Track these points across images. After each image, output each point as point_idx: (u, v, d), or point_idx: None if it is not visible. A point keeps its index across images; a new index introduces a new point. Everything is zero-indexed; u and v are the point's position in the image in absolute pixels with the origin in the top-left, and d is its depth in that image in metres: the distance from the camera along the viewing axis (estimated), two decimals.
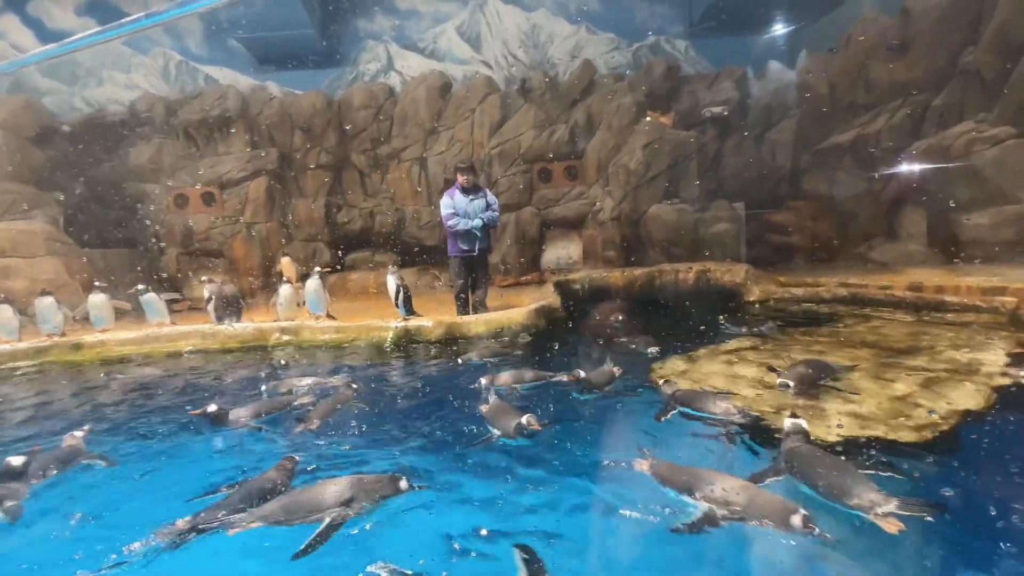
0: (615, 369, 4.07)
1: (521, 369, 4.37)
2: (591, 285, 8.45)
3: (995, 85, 7.99)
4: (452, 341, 6.07)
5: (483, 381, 4.11)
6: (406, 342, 6.08)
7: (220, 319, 6.72)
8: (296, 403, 4.01)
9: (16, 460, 2.79)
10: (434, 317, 6.38)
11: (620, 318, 6.34)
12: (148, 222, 10.91)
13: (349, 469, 2.81)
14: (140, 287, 7.19)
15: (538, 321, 6.43)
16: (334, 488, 2.36)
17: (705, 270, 7.79)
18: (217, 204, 11.04)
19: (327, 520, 2.21)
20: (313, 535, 2.13)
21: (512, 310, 6.52)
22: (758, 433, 2.89)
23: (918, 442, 2.65)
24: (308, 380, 4.54)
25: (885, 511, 1.93)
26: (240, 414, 3.63)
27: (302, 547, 2.07)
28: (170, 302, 7.06)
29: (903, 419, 2.90)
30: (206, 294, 6.86)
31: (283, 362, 5.75)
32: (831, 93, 10.11)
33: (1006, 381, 3.36)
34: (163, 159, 11.18)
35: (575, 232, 11.07)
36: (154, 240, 10.86)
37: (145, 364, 6.13)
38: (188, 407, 3.94)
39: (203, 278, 7.77)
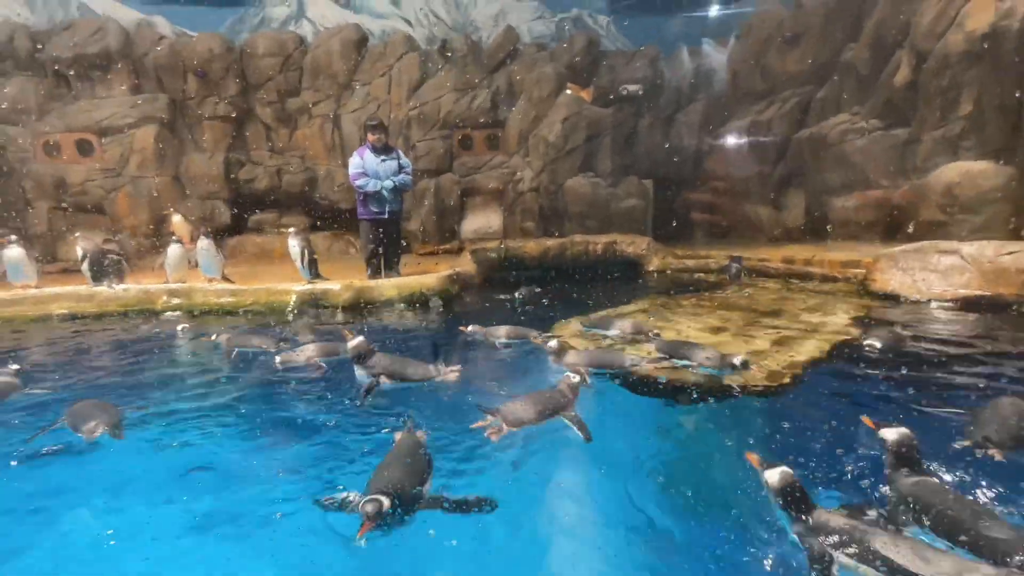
0: (440, 368, 3.31)
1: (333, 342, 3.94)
2: (507, 254, 8.60)
3: (869, 80, 8.89)
4: (361, 306, 5.97)
5: (278, 359, 3.77)
6: (311, 307, 5.90)
7: (97, 280, 6.13)
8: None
9: None
10: (342, 280, 6.23)
11: (533, 292, 6.35)
12: (12, 171, 9.54)
13: None
14: (12, 237, 6.31)
15: (451, 287, 6.48)
16: None
17: (612, 242, 8.19)
18: (95, 154, 9.86)
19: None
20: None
21: (425, 275, 6.51)
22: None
23: (766, 383, 3.10)
24: None
25: (649, 362, 3.39)
26: None
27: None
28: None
29: (755, 367, 3.31)
30: (79, 252, 6.19)
31: None
32: (734, 79, 10.77)
33: (841, 338, 3.91)
34: (28, 99, 9.76)
35: (496, 201, 11.11)
36: (20, 192, 9.55)
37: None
38: None
39: (76, 234, 6.98)
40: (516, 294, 6.26)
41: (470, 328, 4.28)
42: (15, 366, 3.61)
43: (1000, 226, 6.70)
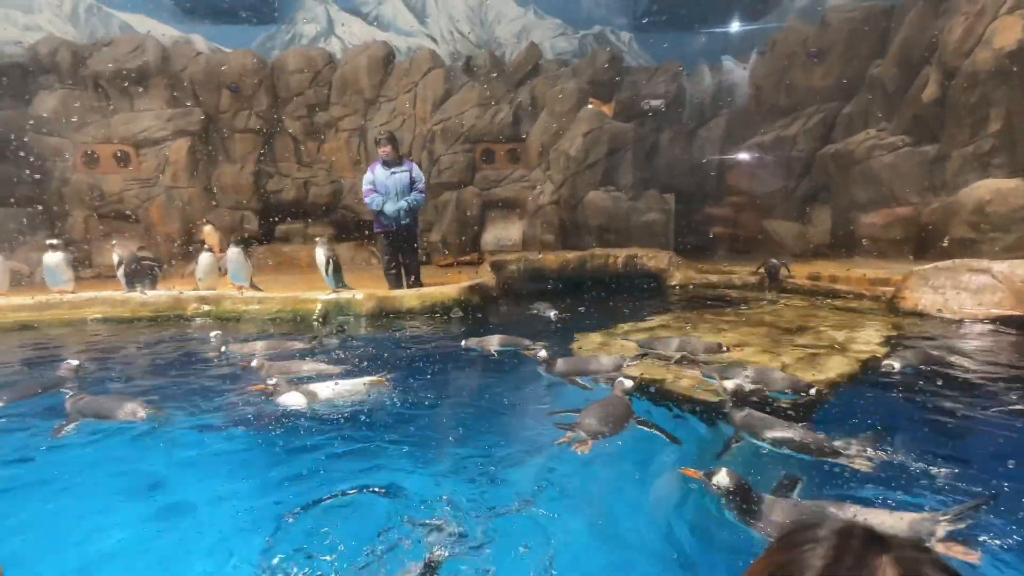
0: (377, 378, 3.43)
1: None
2: (526, 266, 8.63)
3: (896, 96, 8.79)
4: (384, 315, 6.06)
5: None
6: (335, 315, 6.00)
7: (131, 286, 6.33)
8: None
9: None
10: (366, 290, 6.33)
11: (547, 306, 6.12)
12: (51, 180, 9.94)
13: None
14: (54, 242, 6.55)
15: (471, 297, 6.54)
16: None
17: (633, 256, 8.17)
18: (132, 164, 10.23)
19: None
20: None
21: (445, 286, 6.58)
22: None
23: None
24: None
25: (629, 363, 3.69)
26: None
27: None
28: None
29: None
30: (116, 259, 6.40)
31: None
32: (757, 95, 10.75)
33: (869, 357, 3.84)
34: (69, 111, 10.20)
35: (515, 214, 11.19)
36: (58, 200, 9.93)
37: None
38: None
39: (112, 242, 7.22)
40: (544, 311, 6.19)
41: (463, 343, 4.46)
42: (75, 362, 3.79)
43: None
